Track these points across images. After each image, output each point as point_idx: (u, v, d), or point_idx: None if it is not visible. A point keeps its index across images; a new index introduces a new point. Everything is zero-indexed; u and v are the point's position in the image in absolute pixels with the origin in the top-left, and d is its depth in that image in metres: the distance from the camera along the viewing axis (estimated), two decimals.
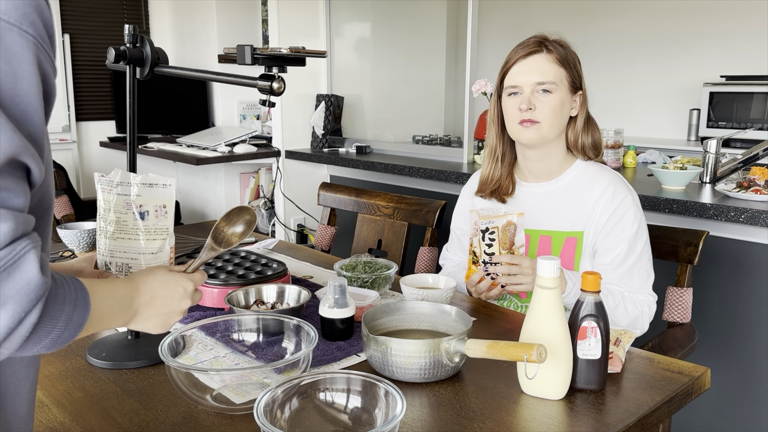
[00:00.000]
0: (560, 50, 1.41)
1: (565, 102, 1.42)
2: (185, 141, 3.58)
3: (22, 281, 0.56)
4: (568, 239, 1.45)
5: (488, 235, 1.37)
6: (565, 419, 0.92)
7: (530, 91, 1.40)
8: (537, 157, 1.48)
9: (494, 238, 1.37)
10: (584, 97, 1.46)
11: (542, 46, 1.41)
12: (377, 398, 0.84)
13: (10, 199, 0.56)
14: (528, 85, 1.40)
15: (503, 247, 1.37)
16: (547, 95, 1.40)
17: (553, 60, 1.40)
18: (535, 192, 1.51)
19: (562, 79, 1.41)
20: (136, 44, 1.29)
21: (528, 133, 1.42)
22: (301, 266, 1.71)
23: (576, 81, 1.43)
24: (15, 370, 0.67)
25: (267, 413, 0.78)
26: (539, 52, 1.41)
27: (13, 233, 0.56)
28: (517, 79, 1.42)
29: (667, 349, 1.41)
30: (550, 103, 1.39)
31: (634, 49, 4.08)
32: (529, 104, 1.40)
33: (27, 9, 0.58)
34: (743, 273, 1.91)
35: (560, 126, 1.43)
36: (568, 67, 1.41)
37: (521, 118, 1.41)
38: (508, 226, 1.36)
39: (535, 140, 1.43)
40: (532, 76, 1.40)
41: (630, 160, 2.60)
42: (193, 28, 4.04)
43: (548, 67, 1.40)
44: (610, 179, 1.45)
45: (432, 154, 3.08)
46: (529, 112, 1.40)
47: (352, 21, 3.72)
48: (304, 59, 1.33)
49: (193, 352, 1.06)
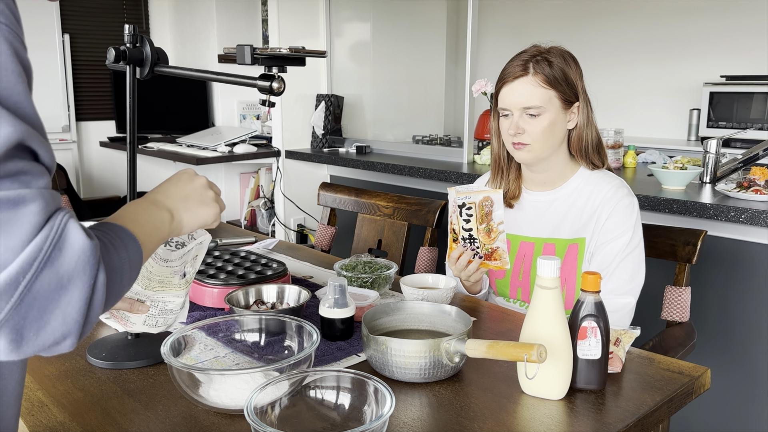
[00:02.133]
0: (547, 70, 1.37)
1: (556, 121, 1.40)
2: (185, 141, 3.58)
3: (76, 251, 0.55)
4: (571, 246, 1.45)
5: (465, 210, 1.36)
6: (565, 419, 0.92)
7: (518, 115, 1.40)
8: (537, 169, 1.49)
9: (471, 214, 1.36)
10: (584, 104, 1.43)
11: (527, 69, 1.38)
12: (367, 395, 0.85)
13: (31, 180, 0.55)
14: (516, 109, 1.40)
15: (480, 222, 1.36)
16: (535, 119, 1.39)
17: (539, 83, 1.38)
18: (539, 200, 1.51)
19: (551, 99, 1.38)
20: (136, 44, 1.29)
21: (520, 154, 1.43)
22: (301, 266, 1.71)
23: (569, 95, 1.40)
24: None
25: (258, 411, 0.79)
26: (524, 75, 1.38)
27: (46, 210, 0.55)
28: (505, 101, 1.42)
29: (668, 348, 1.41)
30: (538, 125, 1.39)
31: (634, 49, 4.08)
32: (518, 128, 1.40)
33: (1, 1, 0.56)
34: (742, 273, 1.91)
35: (553, 144, 1.42)
36: (557, 85, 1.38)
37: (512, 141, 1.42)
38: (485, 201, 1.35)
39: (529, 160, 1.44)
40: (518, 100, 1.39)
41: (630, 160, 2.60)
42: (193, 28, 4.04)
43: (534, 91, 1.38)
44: (612, 185, 1.44)
45: (432, 154, 3.08)
46: (518, 136, 1.41)
47: (352, 21, 3.72)
48: (304, 59, 1.33)
49: (194, 352, 1.06)
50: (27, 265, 0.52)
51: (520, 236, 1.51)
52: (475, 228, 1.37)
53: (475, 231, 1.37)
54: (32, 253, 0.53)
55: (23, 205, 0.53)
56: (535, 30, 4.46)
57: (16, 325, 0.52)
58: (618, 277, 1.39)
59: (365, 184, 3.11)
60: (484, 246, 1.37)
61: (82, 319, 0.56)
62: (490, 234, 1.36)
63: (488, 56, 4.35)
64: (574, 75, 1.41)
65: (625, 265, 1.40)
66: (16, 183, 0.53)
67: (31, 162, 0.56)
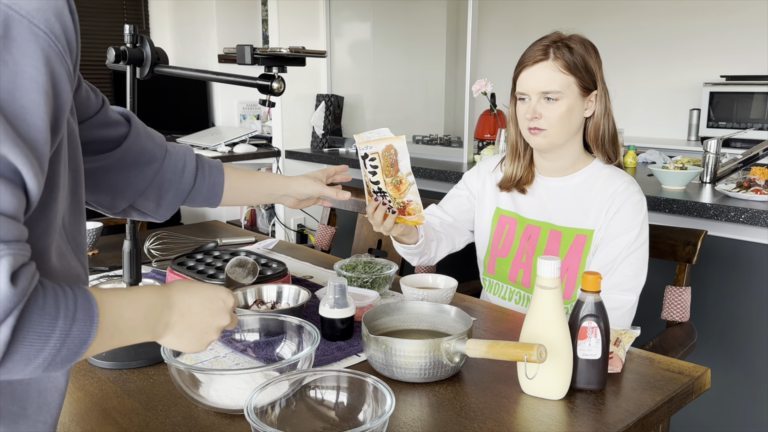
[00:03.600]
0: (567, 56, 1.38)
1: (574, 107, 1.40)
2: (185, 141, 3.58)
3: None
4: (578, 236, 1.45)
5: (369, 162, 1.27)
6: (565, 419, 0.92)
7: (536, 99, 1.40)
8: (550, 157, 1.49)
9: (377, 165, 1.27)
10: (602, 94, 1.43)
11: (548, 54, 1.39)
12: (366, 395, 0.85)
13: None
14: (534, 93, 1.40)
15: (386, 174, 1.27)
16: (553, 103, 1.39)
17: (559, 68, 1.38)
18: (550, 186, 1.51)
19: (569, 86, 1.39)
20: (136, 44, 1.29)
21: (536, 139, 1.43)
22: (301, 266, 1.71)
23: (588, 83, 1.41)
24: None
25: (258, 411, 0.79)
26: (544, 60, 1.39)
27: None
28: (523, 85, 1.42)
29: (668, 348, 1.42)
30: (556, 110, 1.39)
31: (634, 49, 4.08)
32: (534, 113, 1.40)
33: (43, 6, 0.55)
34: (742, 273, 1.91)
35: (569, 131, 1.42)
36: (577, 71, 1.39)
37: (528, 126, 1.42)
38: (388, 150, 1.25)
39: (544, 146, 1.44)
40: (537, 84, 1.39)
41: (630, 160, 2.60)
42: (193, 28, 4.04)
43: (553, 76, 1.38)
44: (624, 180, 1.45)
45: (432, 154, 3.08)
46: (535, 121, 1.40)
47: (352, 21, 3.72)
48: (304, 59, 1.33)
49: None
50: None
51: (527, 219, 1.52)
52: (382, 181, 1.27)
53: (383, 184, 1.28)
54: None
55: None
56: (535, 30, 4.43)
57: None
58: (622, 273, 1.39)
59: None
60: (395, 200, 1.30)
61: None
62: (399, 187, 1.27)
63: (488, 56, 4.35)
64: (594, 63, 1.42)
65: (630, 261, 1.40)
66: None
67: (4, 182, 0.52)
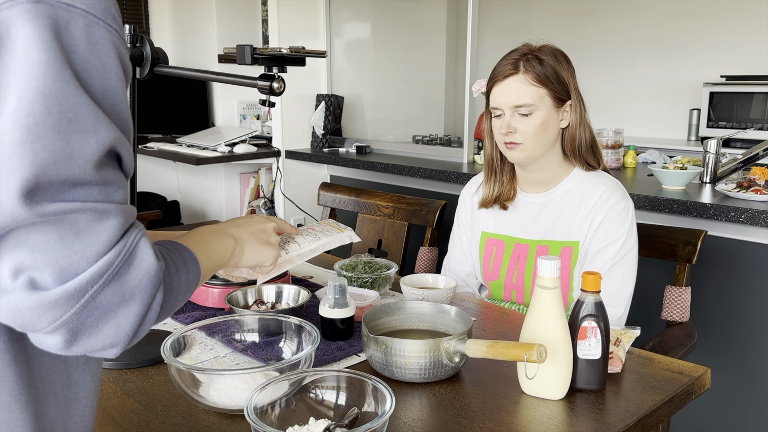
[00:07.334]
0: (538, 68, 1.37)
1: (548, 119, 1.39)
2: (185, 141, 3.58)
3: (143, 270, 0.59)
4: (564, 249, 1.44)
5: None
6: (565, 419, 0.92)
7: (510, 114, 1.39)
8: (531, 169, 1.47)
9: None
10: (576, 103, 1.42)
11: (518, 68, 1.37)
12: (366, 395, 0.86)
13: (114, 192, 0.58)
14: (507, 108, 1.39)
15: None
16: (527, 117, 1.38)
17: (530, 81, 1.37)
18: (533, 202, 1.50)
19: (542, 98, 1.38)
20: (136, 44, 1.29)
21: (513, 153, 1.42)
22: (301, 266, 1.71)
23: (561, 93, 1.39)
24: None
25: (258, 411, 0.79)
26: (515, 74, 1.37)
27: (123, 227, 0.58)
28: (496, 100, 1.41)
29: (668, 348, 1.42)
30: (530, 124, 1.38)
31: (634, 49, 4.08)
32: (509, 128, 1.39)
33: (107, 3, 0.59)
34: (742, 273, 1.91)
35: (546, 143, 1.41)
36: (548, 83, 1.37)
37: (504, 140, 1.41)
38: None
39: (521, 160, 1.43)
40: (509, 99, 1.38)
41: (630, 160, 2.60)
42: (193, 28, 4.03)
43: (524, 89, 1.37)
44: (607, 186, 1.43)
45: (432, 154, 3.08)
46: (510, 135, 1.40)
47: (352, 21, 3.72)
48: (304, 59, 1.33)
49: (193, 352, 1.06)
50: (97, 276, 0.56)
51: (514, 238, 1.50)
52: None
53: None
54: (104, 266, 0.56)
55: (106, 219, 0.56)
56: (535, 30, 4.44)
57: (73, 327, 0.56)
58: (607, 285, 1.36)
59: (365, 184, 3.11)
60: None
61: (132, 333, 0.59)
62: None
63: (488, 56, 4.32)
64: (566, 73, 1.40)
65: (616, 271, 1.38)
66: (102, 193, 0.57)
67: (117, 171, 0.59)
